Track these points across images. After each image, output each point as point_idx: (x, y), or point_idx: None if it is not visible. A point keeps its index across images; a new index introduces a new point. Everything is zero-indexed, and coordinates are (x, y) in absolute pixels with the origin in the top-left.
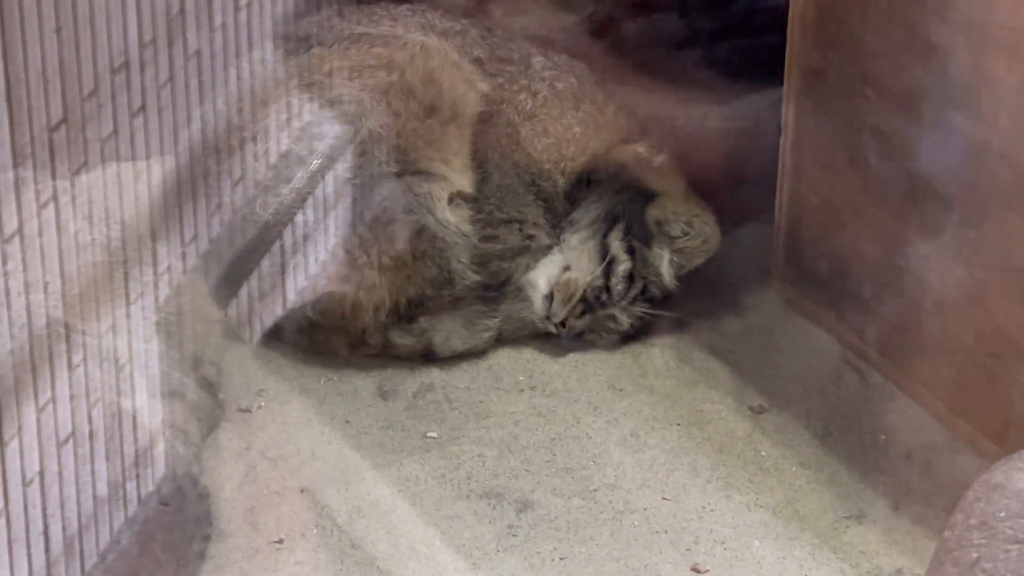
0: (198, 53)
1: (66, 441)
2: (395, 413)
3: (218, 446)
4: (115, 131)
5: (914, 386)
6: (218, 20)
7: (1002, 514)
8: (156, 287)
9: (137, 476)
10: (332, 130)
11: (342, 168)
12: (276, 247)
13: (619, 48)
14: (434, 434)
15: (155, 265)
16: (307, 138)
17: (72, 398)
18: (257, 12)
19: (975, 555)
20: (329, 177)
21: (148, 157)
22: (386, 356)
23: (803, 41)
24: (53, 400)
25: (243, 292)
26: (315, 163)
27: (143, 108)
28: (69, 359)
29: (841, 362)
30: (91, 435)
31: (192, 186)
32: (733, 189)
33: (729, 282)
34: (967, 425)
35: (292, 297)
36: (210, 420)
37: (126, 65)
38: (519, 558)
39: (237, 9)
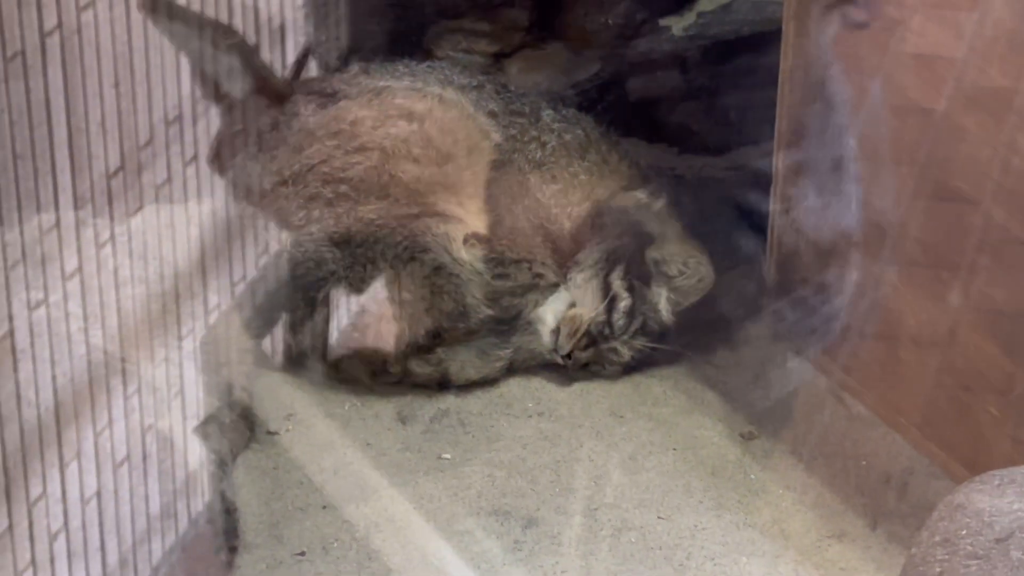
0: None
1: (121, 464)
2: (412, 436)
3: (248, 466)
4: (169, 178)
5: (892, 415)
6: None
7: (963, 532)
8: (206, 322)
9: (175, 493)
10: (357, 174)
11: (367, 210)
12: (308, 284)
13: (624, 102)
14: (448, 455)
15: (205, 302)
16: (334, 182)
17: (126, 423)
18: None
19: (938, 570)
20: (354, 217)
21: (199, 202)
22: (405, 384)
23: (792, 96)
24: (109, 425)
25: (277, 324)
26: (342, 205)
27: (195, 158)
28: (124, 388)
29: (826, 393)
30: (144, 457)
31: (239, 228)
32: (729, 233)
33: (723, 317)
34: (940, 452)
35: (321, 329)
36: (241, 442)
37: (179, 117)
38: (523, 571)
39: (284, 67)
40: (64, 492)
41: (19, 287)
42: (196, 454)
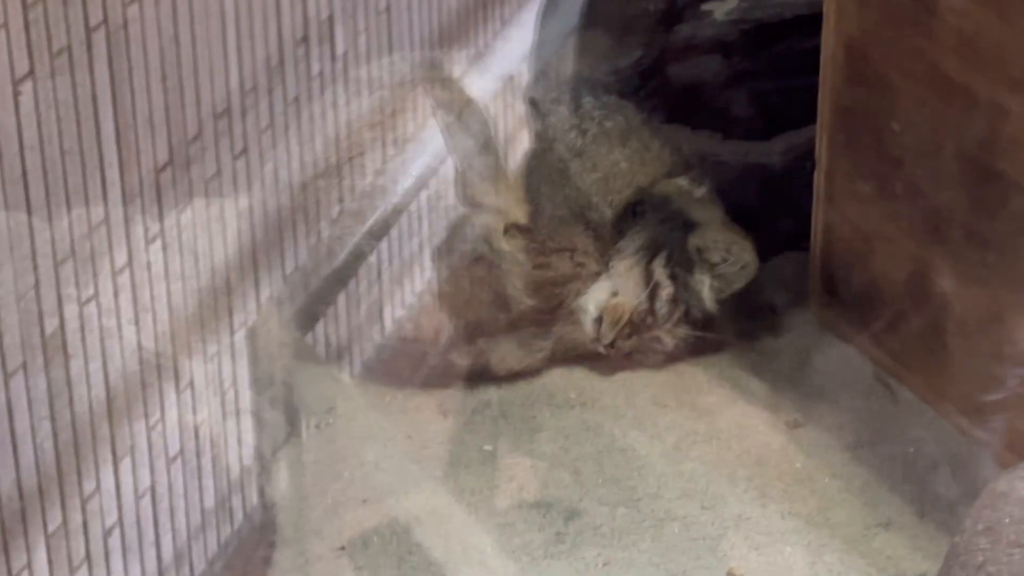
0: (296, 100)
1: (174, 459)
2: (454, 429)
3: (287, 460)
4: (218, 172)
5: (941, 402)
6: (315, 69)
7: (1007, 520)
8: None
9: (220, 489)
10: (395, 167)
11: (405, 202)
12: (353, 277)
13: (666, 89)
14: (489, 447)
15: (257, 296)
16: (370, 174)
17: (178, 418)
18: (353, 61)
19: (981, 559)
20: (397, 211)
21: (250, 196)
22: (446, 375)
23: (834, 80)
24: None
25: (322, 317)
26: (385, 200)
27: (244, 151)
28: (177, 383)
29: (873, 380)
30: (198, 452)
31: (290, 221)
32: (774, 220)
33: (768, 306)
34: (988, 436)
35: (365, 321)
36: (280, 436)
37: (228, 111)
38: (565, 563)
39: (333, 59)
40: (118, 487)
41: (68, 283)
42: (235, 450)
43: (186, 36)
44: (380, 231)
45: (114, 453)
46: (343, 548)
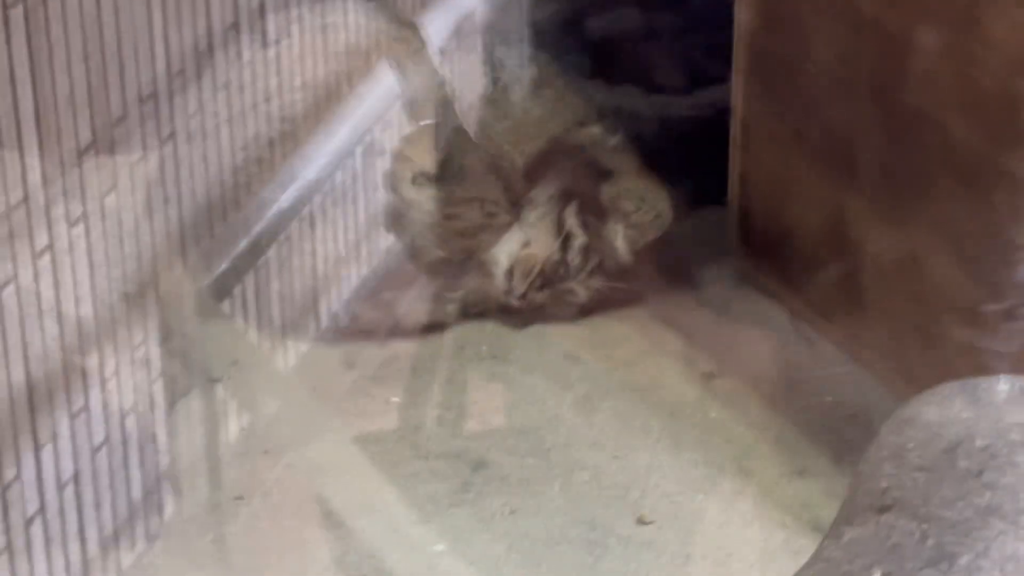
0: (227, 85)
1: (99, 448)
2: (360, 382)
3: (187, 412)
4: (144, 157)
5: (859, 350)
6: (246, 56)
7: (911, 444)
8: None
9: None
10: (296, 112)
11: (311, 149)
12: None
13: (583, 43)
14: (396, 399)
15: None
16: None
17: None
18: (286, 50)
19: (885, 484)
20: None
21: (177, 180)
22: (353, 329)
23: (749, 23)
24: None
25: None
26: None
27: (172, 136)
28: (101, 371)
29: (790, 330)
30: (124, 441)
31: (220, 207)
32: (694, 175)
33: (686, 258)
34: (907, 386)
35: (274, 273)
36: (179, 388)
37: (154, 95)
38: (471, 511)
39: (265, 46)
40: (40, 476)
41: None
42: (130, 399)
43: (109, 17)
44: (297, 197)
45: (35, 440)
46: (241, 497)
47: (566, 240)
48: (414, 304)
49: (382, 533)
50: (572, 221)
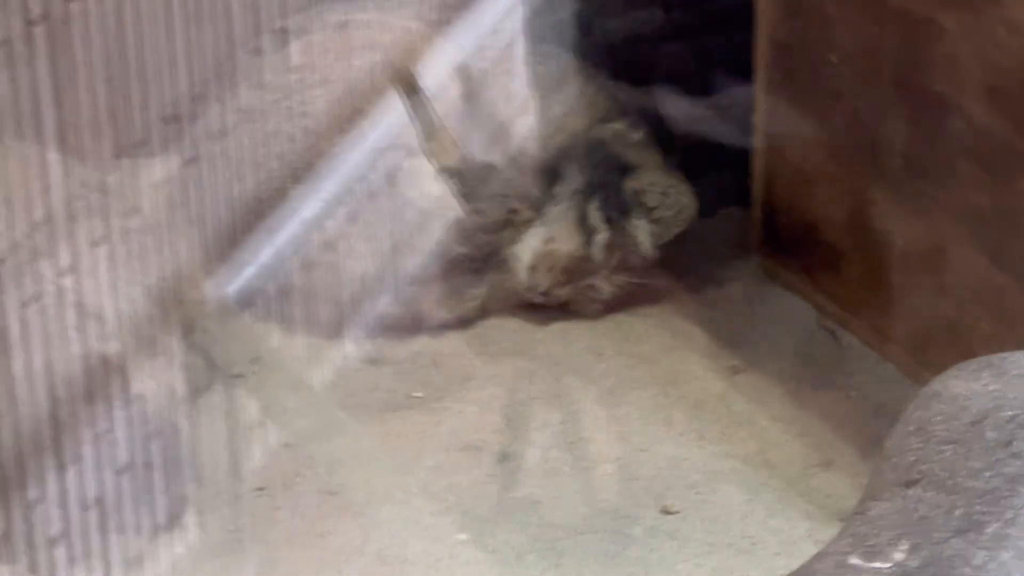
0: (250, 108)
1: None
2: (383, 377)
3: (209, 407)
4: (168, 179)
5: (883, 343)
6: (268, 79)
7: (938, 418)
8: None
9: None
10: (319, 109)
11: (330, 145)
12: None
13: (605, 43)
14: (419, 394)
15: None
16: (297, 117)
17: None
18: (308, 74)
19: (912, 458)
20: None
21: (200, 202)
22: (377, 325)
23: (770, 13)
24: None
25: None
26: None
27: (196, 158)
28: (126, 390)
29: (815, 325)
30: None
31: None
32: (719, 174)
33: (711, 255)
34: (932, 376)
35: (291, 269)
36: (201, 383)
37: (176, 117)
38: (494, 502)
39: (288, 71)
40: (65, 495)
41: (9, 283)
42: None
43: (132, 38)
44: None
45: (59, 462)
46: (262, 489)
47: (589, 235)
48: (437, 300)
49: (403, 523)
50: (595, 216)
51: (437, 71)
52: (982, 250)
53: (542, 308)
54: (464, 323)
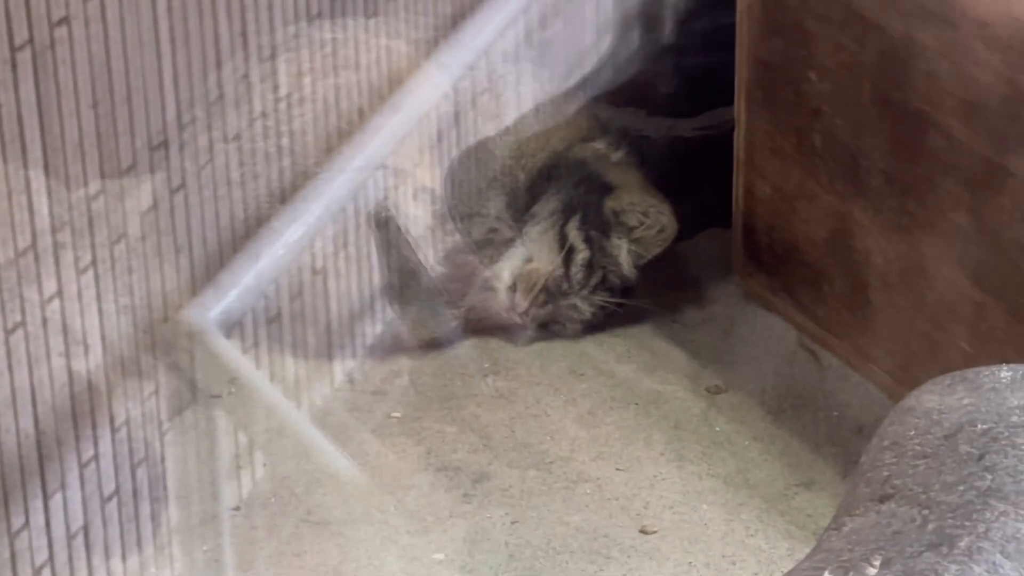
0: (238, 135)
1: (109, 499)
2: (361, 397)
3: (184, 426)
4: (154, 205)
5: (864, 363)
6: (258, 108)
7: (911, 432)
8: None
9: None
10: (298, 127)
11: (311, 164)
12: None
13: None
14: (397, 415)
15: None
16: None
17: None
18: (297, 103)
19: (886, 473)
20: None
21: (188, 231)
22: (355, 345)
23: (750, 32)
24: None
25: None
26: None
27: (183, 186)
28: (111, 420)
29: (796, 346)
30: (135, 493)
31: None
32: (700, 195)
33: (692, 276)
34: None
35: (269, 289)
36: (178, 403)
37: (165, 144)
38: (471, 522)
39: (277, 99)
40: (49, 526)
41: None
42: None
43: (119, 63)
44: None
45: (44, 489)
46: (238, 508)
47: (569, 255)
48: (417, 320)
49: (380, 543)
50: (575, 235)
51: (423, 90)
52: (962, 268)
53: (521, 327)
54: (443, 343)
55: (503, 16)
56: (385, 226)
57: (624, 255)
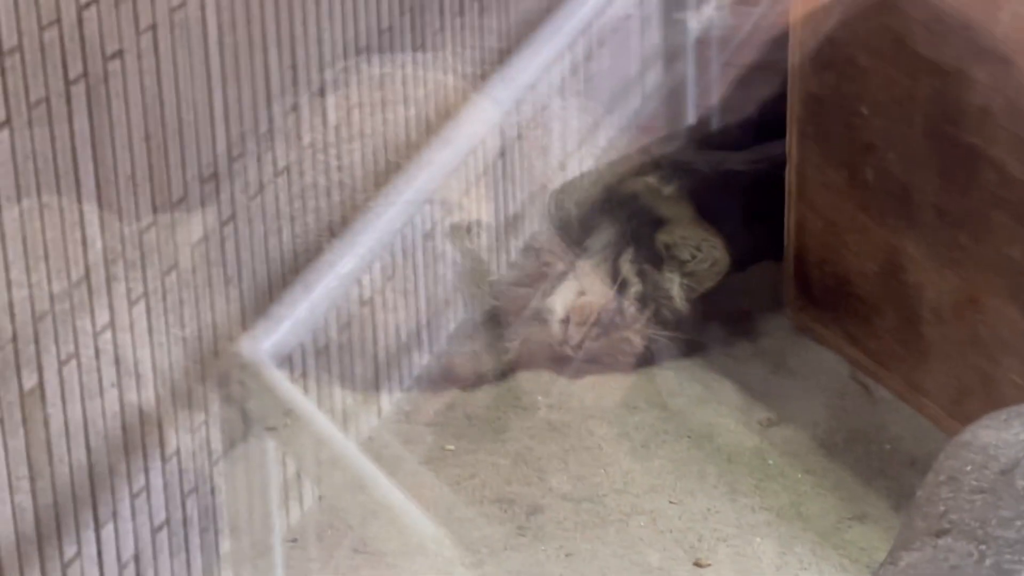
0: (287, 168)
1: (159, 528)
2: (416, 430)
3: (241, 458)
4: (205, 237)
5: (916, 397)
6: (307, 139)
7: (968, 468)
8: None
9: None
10: (355, 163)
11: (364, 198)
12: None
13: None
14: (452, 447)
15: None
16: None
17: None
18: (347, 137)
19: (942, 508)
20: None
21: (238, 261)
22: (410, 379)
23: (802, 67)
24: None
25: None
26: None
27: (233, 218)
28: (162, 447)
29: (848, 379)
30: (185, 523)
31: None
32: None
33: (744, 310)
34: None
35: (326, 324)
36: (235, 435)
37: (214, 174)
38: (526, 555)
39: (326, 128)
40: (100, 555)
41: (48, 340)
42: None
43: (171, 96)
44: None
45: (96, 518)
46: (295, 540)
47: (621, 288)
48: (471, 353)
49: (435, 575)
50: (627, 269)
51: (472, 124)
52: (1015, 302)
53: (575, 361)
54: (497, 376)
55: (551, 50)
56: (467, 235)
57: (676, 288)
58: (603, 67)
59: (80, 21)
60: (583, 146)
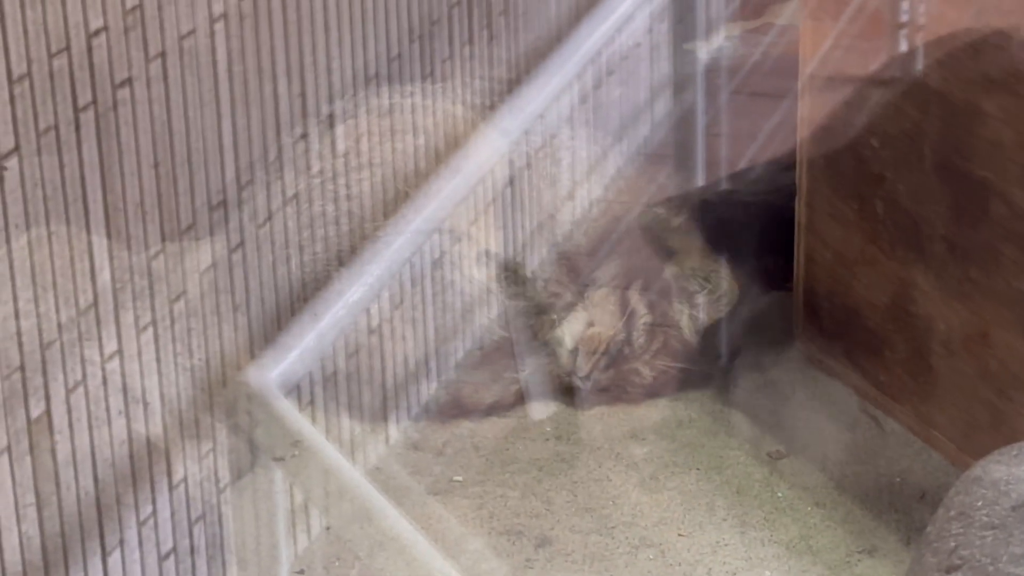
0: (296, 195)
1: (166, 556)
2: (424, 461)
3: (249, 488)
4: (213, 264)
5: (927, 430)
6: (316, 167)
7: (979, 503)
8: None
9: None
10: (364, 192)
11: (372, 228)
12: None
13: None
14: (460, 478)
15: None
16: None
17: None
18: (355, 166)
19: (953, 544)
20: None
21: (246, 289)
22: (417, 409)
23: (811, 99)
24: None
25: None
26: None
27: (241, 245)
28: (170, 476)
29: (858, 411)
30: (192, 551)
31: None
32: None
33: (753, 341)
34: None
35: (334, 353)
36: (242, 465)
37: (222, 202)
38: None
39: (335, 157)
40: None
41: (55, 367)
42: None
43: (179, 124)
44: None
45: (103, 546)
46: (302, 572)
47: (630, 319)
48: (479, 384)
49: None
50: (636, 300)
51: (481, 155)
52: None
53: (583, 392)
54: (506, 407)
55: (560, 79)
56: (514, 276)
57: (685, 320)
58: (612, 96)
59: (89, 49)
60: (592, 175)
